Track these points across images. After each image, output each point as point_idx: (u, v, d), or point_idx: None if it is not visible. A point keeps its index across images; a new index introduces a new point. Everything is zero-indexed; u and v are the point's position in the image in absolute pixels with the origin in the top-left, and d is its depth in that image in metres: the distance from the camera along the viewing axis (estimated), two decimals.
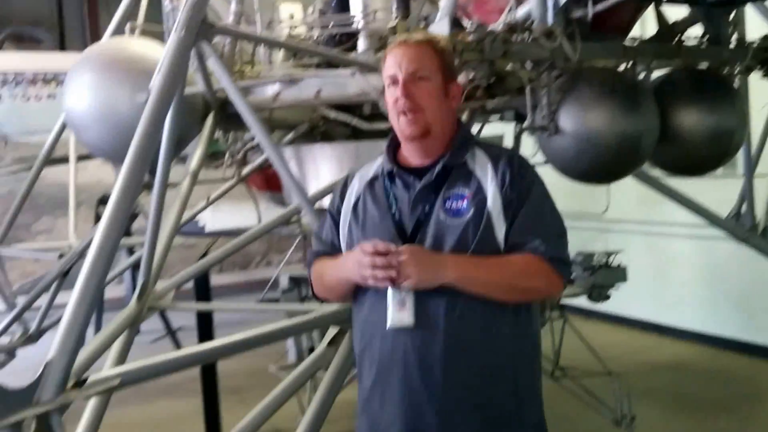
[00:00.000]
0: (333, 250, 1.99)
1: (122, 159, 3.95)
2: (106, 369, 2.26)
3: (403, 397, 1.81)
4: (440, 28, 2.47)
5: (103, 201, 6.54)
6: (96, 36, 11.42)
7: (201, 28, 2.59)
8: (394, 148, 1.95)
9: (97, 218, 6.46)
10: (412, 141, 1.87)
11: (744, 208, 4.12)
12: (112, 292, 6.69)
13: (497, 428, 1.81)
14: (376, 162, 1.99)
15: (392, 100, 1.85)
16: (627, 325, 7.07)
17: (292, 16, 5.01)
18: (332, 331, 2.66)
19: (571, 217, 2.12)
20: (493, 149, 1.92)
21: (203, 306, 4.23)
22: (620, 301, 6.52)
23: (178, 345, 6.77)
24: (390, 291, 1.79)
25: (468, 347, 1.79)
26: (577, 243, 5.40)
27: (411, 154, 1.91)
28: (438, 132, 1.87)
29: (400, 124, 1.86)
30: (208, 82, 3.39)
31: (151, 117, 2.39)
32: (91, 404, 2.23)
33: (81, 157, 5.12)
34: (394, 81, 1.84)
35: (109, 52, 3.74)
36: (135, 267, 5.95)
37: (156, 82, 2.58)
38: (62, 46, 11.44)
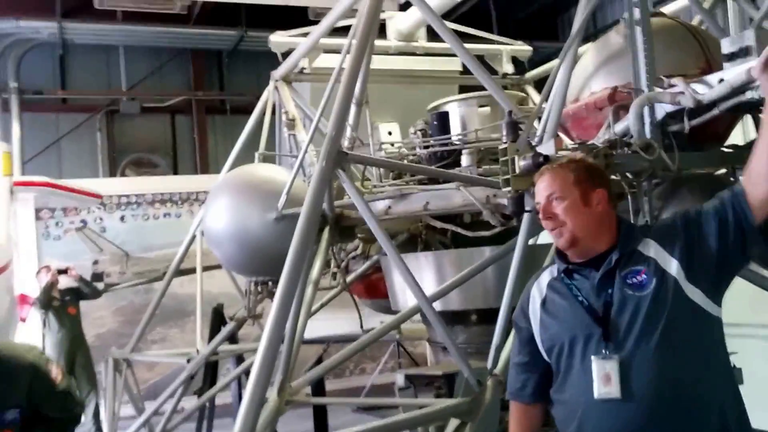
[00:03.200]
0: (523, 358, 2.30)
1: (252, 271, 4.40)
2: None
3: None
4: (547, 149, 2.74)
5: (217, 310, 6.90)
6: (204, 160, 12.48)
7: (337, 157, 2.98)
8: (560, 253, 2.24)
9: (212, 326, 6.82)
10: (566, 250, 2.18)
11: None
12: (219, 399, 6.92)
13: None
14: (545, 272, 2.31)
15: (543, 221, 2.20)
16: None
17: (390, 133, 5.48)
18: (454, 423, 2.83)
19: None
20: (649, 231, 2.18)
21: (337, 400, 4.45)
22: None
23: None
24: (594, 364, 2.00)
25: (677, 412, 1.98)
26: None
27: (574, 257, 2.19)
28: (586, 236, 2.13)
29: (552, 238, 2.19)
30: (330, 200, 3.76)
31: (302, 235, 2.75)
32: None
33: (206, 268, 5.56)
34: (540, 206, 2.19)
35: (241, 177, 4.25)
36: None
37: (305, 205, 2.96)
38: (175, 170, 12.51)
